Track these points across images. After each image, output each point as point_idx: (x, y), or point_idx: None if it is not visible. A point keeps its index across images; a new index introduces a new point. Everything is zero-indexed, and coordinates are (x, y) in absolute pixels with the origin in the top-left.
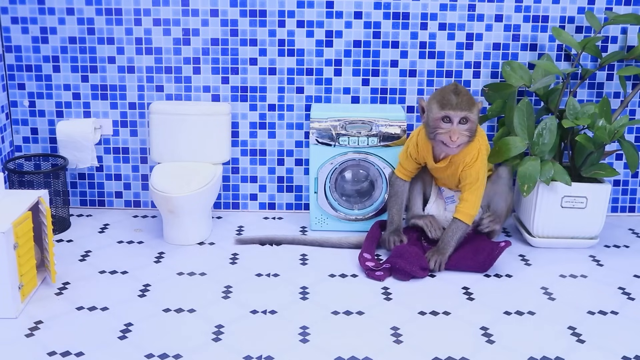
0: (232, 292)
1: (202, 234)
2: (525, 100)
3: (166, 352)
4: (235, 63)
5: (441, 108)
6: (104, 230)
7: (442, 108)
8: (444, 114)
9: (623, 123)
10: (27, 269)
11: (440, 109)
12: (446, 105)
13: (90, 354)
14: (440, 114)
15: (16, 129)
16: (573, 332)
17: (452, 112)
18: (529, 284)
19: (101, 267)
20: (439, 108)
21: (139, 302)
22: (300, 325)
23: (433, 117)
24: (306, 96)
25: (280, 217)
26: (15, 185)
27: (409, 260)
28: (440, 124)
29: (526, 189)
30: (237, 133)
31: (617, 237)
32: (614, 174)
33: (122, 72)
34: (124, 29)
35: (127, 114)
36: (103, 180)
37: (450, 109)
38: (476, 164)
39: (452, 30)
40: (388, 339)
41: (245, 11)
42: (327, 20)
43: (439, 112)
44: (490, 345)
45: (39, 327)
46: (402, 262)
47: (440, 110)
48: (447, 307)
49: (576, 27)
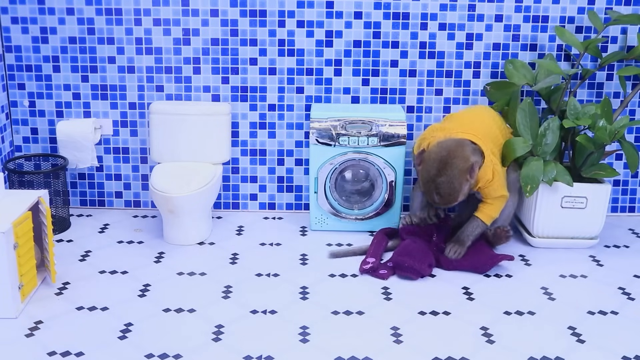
0: (232, 292)
1: (202, 234)
2: (527, 101)
3: (166, 352)
4: (236, 63)
5: (427, 197)
6: (104, 230)
7: (427, 198)
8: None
9: (623, 123)
10: (27, 269)
11: (427, 197)
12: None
13: (90, 354)
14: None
15: (16, 129)
16: (573, 332)
17: (437, 205)
18: (529, 284)
19: (101, 267)
20: (425, 196)
21: (139, 302)
22: (300, 325)
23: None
24: (306, 96)
25: (280, 217)
26: (15, 185)
27: (417, 258)
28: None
29: (529, 189)
30: (237, 133)
31: (617, 237)
32: (614, 174)
33: (122, 72)
34: (124, 29)
35: (127, 114)
36: (103, 180)
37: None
38: (493, 183)
39: (452, 30)
40: (388, 339)
41: (245, 11)
42: (327, 20)
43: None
44: (490, 345)
45: (39, 327)
46: (410, 260)
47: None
48: (447, 307)
49: (576, 27)
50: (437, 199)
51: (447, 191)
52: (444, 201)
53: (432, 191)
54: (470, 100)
